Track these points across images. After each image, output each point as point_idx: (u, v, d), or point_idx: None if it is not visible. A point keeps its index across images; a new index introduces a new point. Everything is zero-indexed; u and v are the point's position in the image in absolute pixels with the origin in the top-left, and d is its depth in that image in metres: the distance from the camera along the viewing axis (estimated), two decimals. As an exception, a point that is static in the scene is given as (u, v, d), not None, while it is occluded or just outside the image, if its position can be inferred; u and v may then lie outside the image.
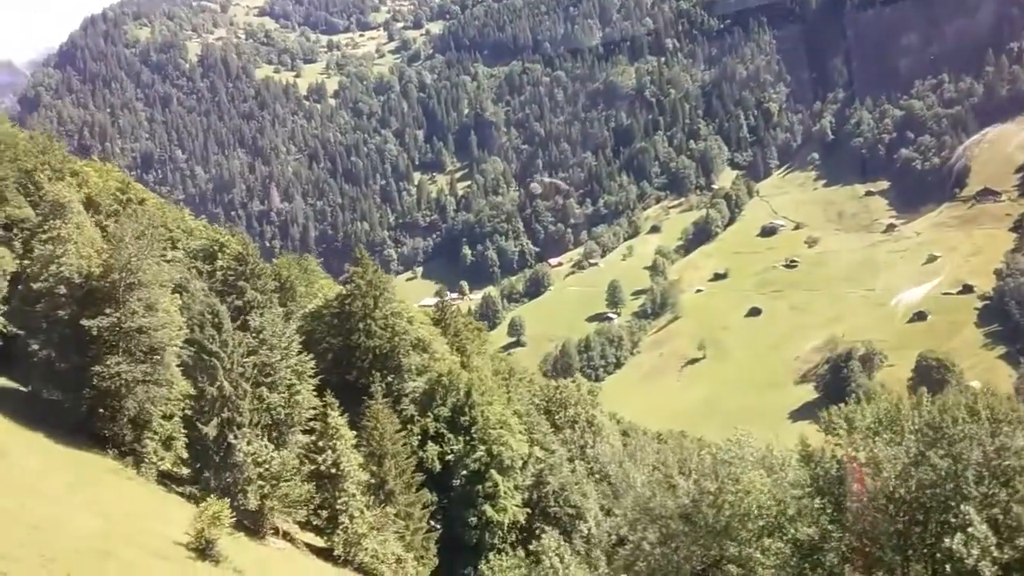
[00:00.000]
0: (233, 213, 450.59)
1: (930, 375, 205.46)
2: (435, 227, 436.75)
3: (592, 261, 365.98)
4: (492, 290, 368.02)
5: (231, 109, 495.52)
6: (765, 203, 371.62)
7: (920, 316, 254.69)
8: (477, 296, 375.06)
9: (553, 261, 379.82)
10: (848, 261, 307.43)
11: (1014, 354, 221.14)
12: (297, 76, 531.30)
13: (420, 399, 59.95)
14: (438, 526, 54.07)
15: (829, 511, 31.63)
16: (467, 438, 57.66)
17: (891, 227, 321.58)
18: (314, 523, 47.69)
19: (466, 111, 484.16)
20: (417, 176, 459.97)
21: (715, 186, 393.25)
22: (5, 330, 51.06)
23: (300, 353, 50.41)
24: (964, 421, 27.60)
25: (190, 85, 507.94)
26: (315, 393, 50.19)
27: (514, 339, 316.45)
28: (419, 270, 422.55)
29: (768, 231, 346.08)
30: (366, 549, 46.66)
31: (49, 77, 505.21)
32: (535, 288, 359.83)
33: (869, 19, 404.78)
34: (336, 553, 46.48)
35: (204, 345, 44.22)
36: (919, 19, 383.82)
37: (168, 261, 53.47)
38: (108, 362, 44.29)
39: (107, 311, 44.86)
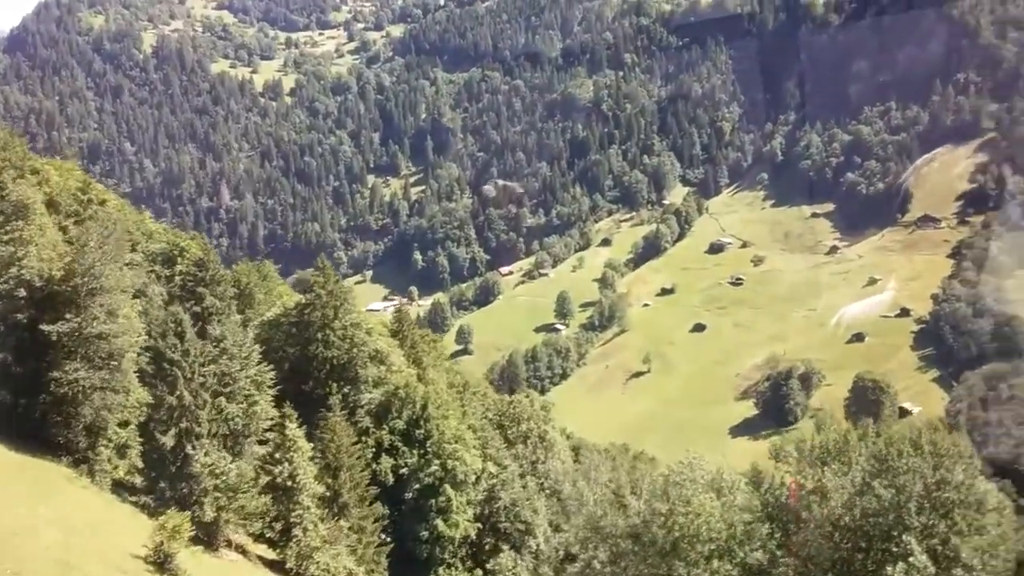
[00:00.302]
0: (181, 209, 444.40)
1: (866, 396, 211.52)
2: (387, 231, 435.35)
3: (543, 271, 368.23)
4: (442, 297, 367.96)
5: (184, 103, 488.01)
6: (714, 220, 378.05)
7: (858, 337, 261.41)
8: (426, 302, 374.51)
9: (504, 270, 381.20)
10: (792, 281, 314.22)
11: (947, 378, 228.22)
12: (254, 72, 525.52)
13: (376, 411, 60.33)
14: (389, 539, 54.42)
15: (777, 536, 33.11)
16: (421, 451, 58.21)
17: (834, 249, 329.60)
18: (267, 535, 47.70)
19: (423, 116, 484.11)
20: (371, 179, 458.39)
21: (666, 202, 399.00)
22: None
23: (260, 363, 50.43)
24: (908, 455, 29.24)
25: (143, 76, 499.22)
26: (273, 404, 50.28)
27: (462, 347, 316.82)
28: (369, 273, 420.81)
29: (716, 248, 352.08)
30: (318, 563, 46.92)
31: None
32: (485, 296, 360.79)
33: (823, 43, 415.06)
34: (288, 566, 46.61)
35: (165, 354, 44.12)
36: (871, 46, 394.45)
37: (129, 265, 52.93)
38: (66, 368, 43.95)
39: (67, 316, 44.49)
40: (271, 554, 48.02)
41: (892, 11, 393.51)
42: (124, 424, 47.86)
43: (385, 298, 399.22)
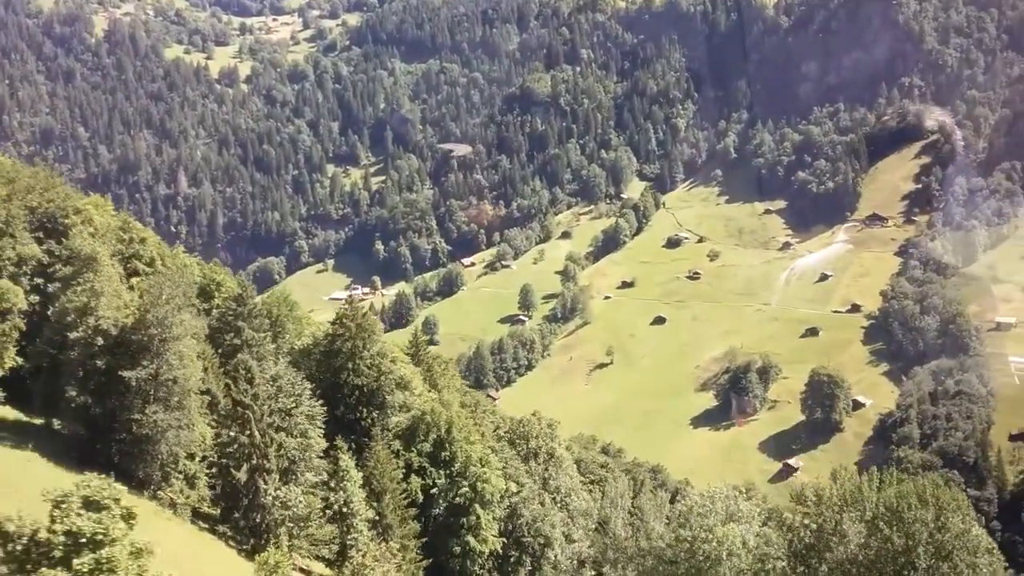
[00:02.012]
0: (138, 196, 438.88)
1: (822, 389, 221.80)
2: (348, 220, 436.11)
3: (505, 263, 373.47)
4: (405, 287, 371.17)
5: (138, 88, 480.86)
6: (671, 215, 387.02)
7: (812, 332, 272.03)
8: (389, 292, 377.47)
9: (466, 261, 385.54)
10: (747, 276, 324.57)
11: (896, 372, 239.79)
12: (208, 58, 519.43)
13: (403, 434, 65.21)
14: (421, 555, 59.54)
15: (800, 570, 39.04)
16: (448, 472, 63.35)
17: (787, 245, 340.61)
18: (324, 556, 52.49)
19: (382, 106, 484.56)
20: (331, 168, 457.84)
21: (624, 196, 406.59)
22: (19, 367, 53.98)
23: (311, 398, 54.99)
24: (916, 507, 35.27)
25: (95, 61, 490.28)
26: (323, 434, 54.95)
27: (427, 338, 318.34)
28: (330, 263, 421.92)
29: (673, 243, 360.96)
30: (366, 578, 51.95)
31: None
32: (448, 287, 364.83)
33: (773, 44, 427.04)
34: (344, 583, 51.55)
35: (237, 397, 48.58)
36: (819, 48, 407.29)
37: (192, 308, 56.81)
38: (147, 411, 48.13)
39: (144, 363, 48.61)
40: (329, 572, 52.84)
41: (839, 16, 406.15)
42: (191, 457, 52.16)
43: (347, 287, 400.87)
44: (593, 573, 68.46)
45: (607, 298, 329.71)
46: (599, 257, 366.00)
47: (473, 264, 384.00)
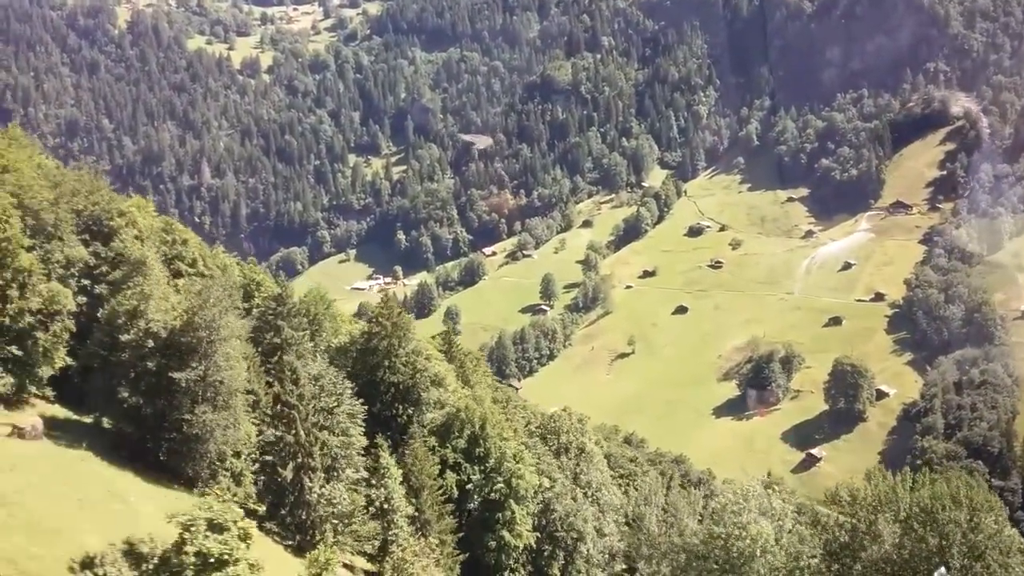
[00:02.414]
0: (162, 187, 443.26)
1: (845, 379, 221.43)
2: (369, 210, 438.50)
3: (526, 253, 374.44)
4: (427, 277, 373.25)
5: (161, 80, 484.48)
6: (692, 203, 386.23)
7: (835, 321, 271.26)
8: (411, 282, 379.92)
9: (487, 251, 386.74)
10: (769, 264, 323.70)
11: (920, 361, 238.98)
12: (230, 49, 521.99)
13: (438, 430, 66.69)
14: (458, 550, 61.08)
15: (834, 568, 40.13)
16: (483, 468, 64.79)
17: (809, 233, 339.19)
18: (366, 551, 54.11)
19: (403, 95, 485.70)
20: (352, 158, 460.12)
21: (645, 184, 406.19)
22: (68, 366, 55.82)
23: (351, 397, 56.50)
24: (950, 508, 36.23)
25: (119, 52, 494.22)
26: (363, 432, 56.48)
27: (448, 327, 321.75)
28: (352, 252, 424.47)
29: (695, 231, 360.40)
30: (411, 574, 53.53)
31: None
32: (470, 277, 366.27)
33: (796, 30, 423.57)
34: (385, 576, 53.24)
35: (283, 398, 50.14)
36: (842, 34, 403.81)
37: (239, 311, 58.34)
38: (196, 411, 49.79)
39: (193, 364, 50.23)
40: (370, 567, 54.47)
41: (863, 0, 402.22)
42: (237, 455, 53.83)
43: (370, 277, 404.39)
44: (624, 567, 69.85)
45: (629, 287, 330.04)
46: (620, 246, 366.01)
47: (495, 254, 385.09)
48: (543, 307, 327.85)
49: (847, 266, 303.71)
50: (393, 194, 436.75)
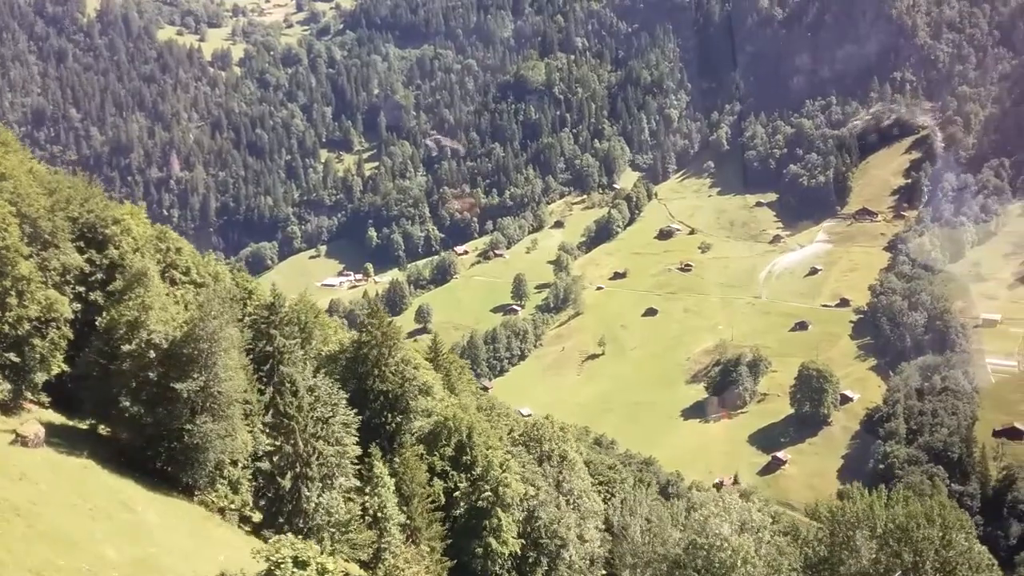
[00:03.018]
0: (130, 179, 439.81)
1: (811, 383, 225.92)
2: (341, 206, 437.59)
3: (498, 252, 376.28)
4: (398, 274, 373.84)
5: (131, 70, 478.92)
6: (663, 206, 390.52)
7: (802, 325, 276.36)
8: (382, 279, 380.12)
9: (459, 249, 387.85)
10: (737, 268, 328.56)
11: (884, 367, 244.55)
12: (201, 40, 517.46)
13: (426, 438, 68.21)
14: (446, 556, 62.70)
15: (814, 581, 42.53)
16: (469, 476, 66.46)
17: (777, 238, 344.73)
18: (361, 558, 55.53)
19: (376, 91, 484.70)
20: (324, 153, 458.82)
21: (617, 186, 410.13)
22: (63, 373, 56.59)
23: (346, 407, 57.81)
24: (924, 526, 38.65)
25: (87, 41, 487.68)
26: (356, 442, 57.86)
27: (421, 326, 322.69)
28: (323, 249, 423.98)
29: (665, 234, 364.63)
30: (403, 581, 55.18)
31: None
32: (442, 275, 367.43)
33: (767, 37, 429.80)
34: (377, 583, 54.81)
35: (283, 409, 51.41)
36: (812, 42, 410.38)
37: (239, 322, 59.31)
38: (197, 421, 50.92)
39: (194, 375, 51.33)
40: (363, 573, 55.90)
41: (832, 8, 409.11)
42: (234, 463, 55.01)
43: (340, 273, 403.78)
44: (604, 572, 71.95)
45: (599, 289, 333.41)
46: (592, 247, 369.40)
47: (466, 252, 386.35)
48: (514, 307, 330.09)
49: (813, 271, 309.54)
50: (365, 191, 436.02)
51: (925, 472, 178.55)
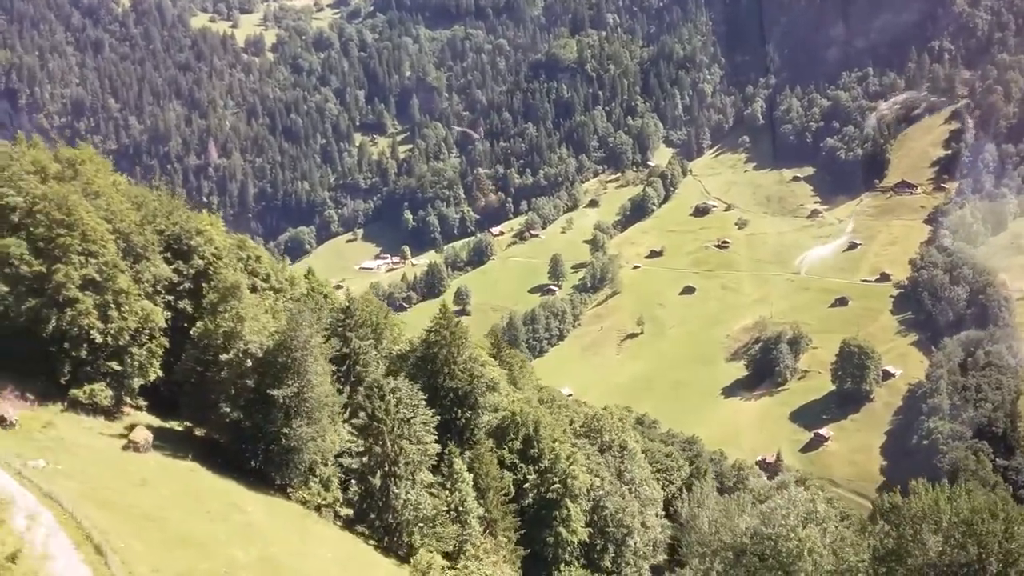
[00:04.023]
0: (169, 167, 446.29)
1: (852, 360, 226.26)
2: (376, 190, 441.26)
3: (533, 232, 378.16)
4: (435, 256, 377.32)
5: (166, 59, 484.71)
6: (698, 183, 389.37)
7: (842, 301, 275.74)
8: (419, 261, 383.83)
9: (495, 230, 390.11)
10: (775, 244, 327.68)
11: (925, 342, 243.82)
12: (234, 27, 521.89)
13: (495, 432, 71.59)
14: (519, 546, 66.21)
15: (881, 572, 45.12)
16: (537, 468, 69.80)
17: (815, 213, 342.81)
18: (445, 550, 59.15)
19: (408, 73, 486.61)
20: (358, 137, 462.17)
21: (651, 163, 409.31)
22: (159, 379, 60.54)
23: (425, 407, 61.23)
24: (988, 521, 41.10)
25: (123, 31, 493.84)
26: (435, 439, 61.36)
27: (459, 308, 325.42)
28: (359, 232, 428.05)
29: (701, 211, 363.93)
30: (483, 572, 58.72)
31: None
32: (478, 257, 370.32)
33: (800, 8, 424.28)
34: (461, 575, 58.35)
35: (373, 413, 54.92)
36: (847, 11, 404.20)
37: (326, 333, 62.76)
38: (292, 425, 54.60)
39: (289, 382, 54.92)
40: (446, 564, 59.50)
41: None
42: (324, 462, 58.70)
43: (377, 256, 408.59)
44: (666, 557, 75.16)
45: (636, 267, 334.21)
46: (627, 226, 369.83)
47: (502, 233, 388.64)
48: (552, 287, 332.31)
49: (852, 246, 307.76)
50: (399, 173, 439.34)
51: (969, 448, 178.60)
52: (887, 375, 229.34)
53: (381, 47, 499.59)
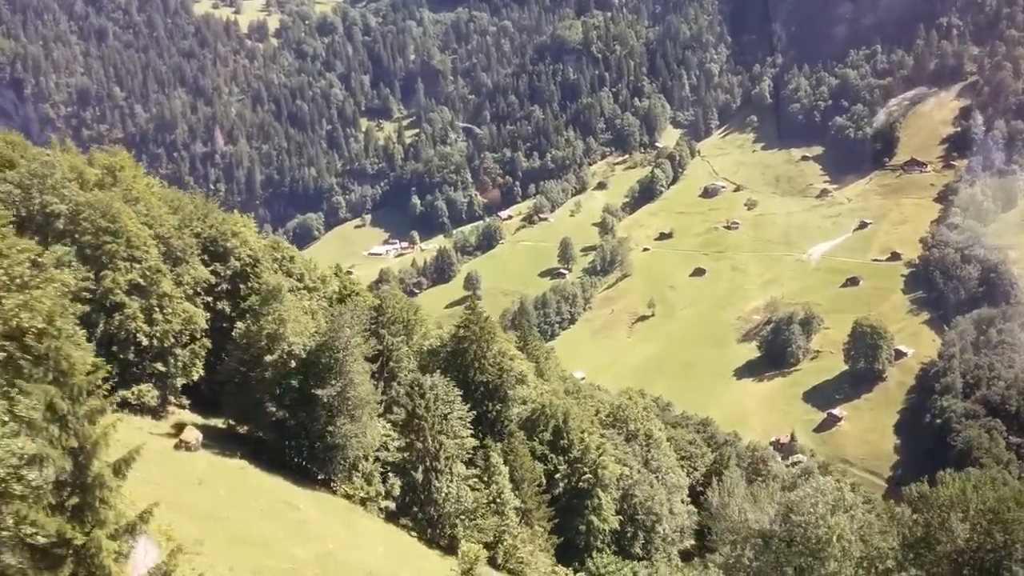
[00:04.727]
0: (176, 154, 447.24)
1: (865, 340, 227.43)
2: (383, 175, 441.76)
3: (542, 216, 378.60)
4: (445, 242, 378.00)
5: (170, 46, 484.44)
6: (706, 163, 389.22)
7: (853, 281, 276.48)
8: (428, 246, 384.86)
9: (503, 214, 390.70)
10: (785, 225, 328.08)
11: (937, 321, 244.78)
12: (236, 13, 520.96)
13: (525, 424, 73.31)
14: (553, 534, 68.11)
15: (910, 557, 46.71)
16: (567, 458, 71.55)
17: (824, 192, 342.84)
18: (484, 541, 60.97)
19: (412, 57, 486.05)
20: (364, 122, 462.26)
21: (658, 144, 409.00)
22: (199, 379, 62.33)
23: (462, 403, 62.98)
24: (1014, 509, 42.60)
25: (126, 19, 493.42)
26: (472, 434, 63.13)
27: (470, 292, 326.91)
28: (367, 218, 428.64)
29: (710, 192, 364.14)
30: (520, 559, 60.68)
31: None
32: (487, 241, 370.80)
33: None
34: (498, 562, 60.33)
35: (414, 411, 56.60)
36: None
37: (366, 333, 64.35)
38: (336, 423, 56.32)
39: (332, 381, 56.60)
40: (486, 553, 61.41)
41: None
42: (366, 458, 60.47)
43: (386, 242, 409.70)
44: (692, 542, 77.02)
45: (646, 250, 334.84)
46: (636, 208, 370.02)
47: (510, 217, 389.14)
48: (561, 271, 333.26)
49: (863, 225, 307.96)
50: (406, 158, 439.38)
51: (983, 426, 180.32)
52: (899, 354, 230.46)
53: (385, 31, 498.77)
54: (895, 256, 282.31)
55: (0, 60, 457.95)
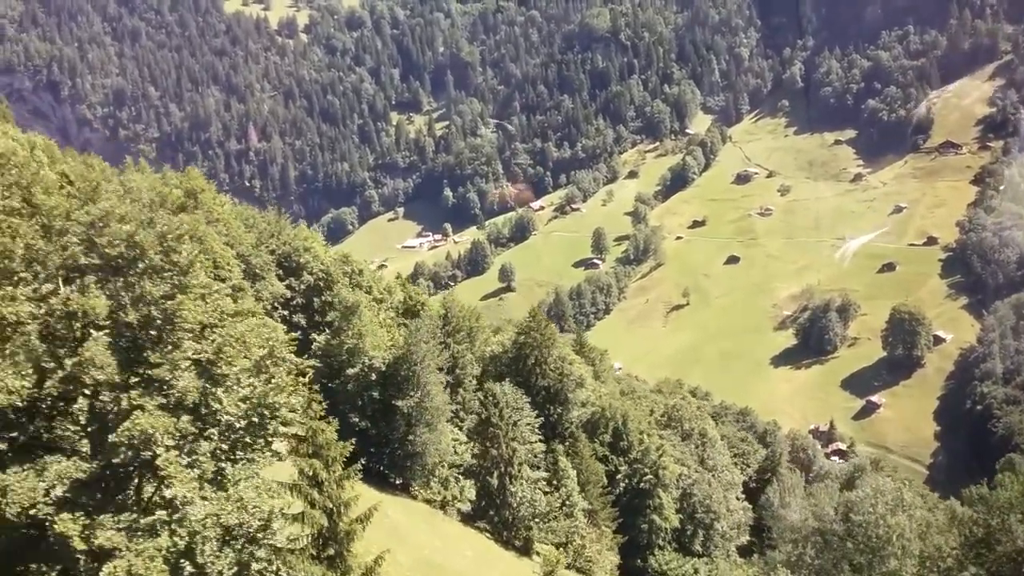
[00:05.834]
0: (211, 152, 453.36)
1: (903, 326, 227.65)
2: (415, 168, 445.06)
3: (574, 206, 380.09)
4: (477, 233, 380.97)
5: (202, 45, 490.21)
6: (738, 149, 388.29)
7: (889, 267, 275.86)
8: (461, 238, 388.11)
9: (535, 205, 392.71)
10: (819, 210, 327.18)
11: (976, 305, 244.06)
12: (266, 9, 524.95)
13: (585, 426, 76.28)
14: (617, 533, 71.15)
15: (970, 556, 49.10)
16: (627, 459, 74.47)
17: (858, 177, 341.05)
18: (556, 542, 64.21)
19: (441, 50, 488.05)
20: (395, 116, 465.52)
21: (689, 131, 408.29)
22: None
23: (530, 410, 66.04)
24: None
25: (158, 19, 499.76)
26: (540, 440, 66.23)
27: (504, 284, 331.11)
28: (400, 211, 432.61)
29: (742, 178, 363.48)
30: (588, 559, 63.81)
31: (12, 9, 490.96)
32: (520, 232, 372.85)
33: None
34: (569, 562, 63.46)
35: (488, 419, 59.75)
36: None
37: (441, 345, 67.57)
38: (415, 432, 59.64)
39: (411, 393, 59.89)
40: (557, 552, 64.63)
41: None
42: (442, 464, 63.78)
43: (419, 234, 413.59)
44: (748, 538, 79.76)
45: (679, 238, 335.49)
46: (668, 196, 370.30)
47: (543, 208, 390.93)
48: (595, 261, 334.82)
49: (898, 209, 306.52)
50: (437, 151, 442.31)
51: (1023, 411, 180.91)
52: (938, 340, 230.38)
53: (413, 24, 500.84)
54: (932, 240, 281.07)
55: (37, 63, 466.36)
